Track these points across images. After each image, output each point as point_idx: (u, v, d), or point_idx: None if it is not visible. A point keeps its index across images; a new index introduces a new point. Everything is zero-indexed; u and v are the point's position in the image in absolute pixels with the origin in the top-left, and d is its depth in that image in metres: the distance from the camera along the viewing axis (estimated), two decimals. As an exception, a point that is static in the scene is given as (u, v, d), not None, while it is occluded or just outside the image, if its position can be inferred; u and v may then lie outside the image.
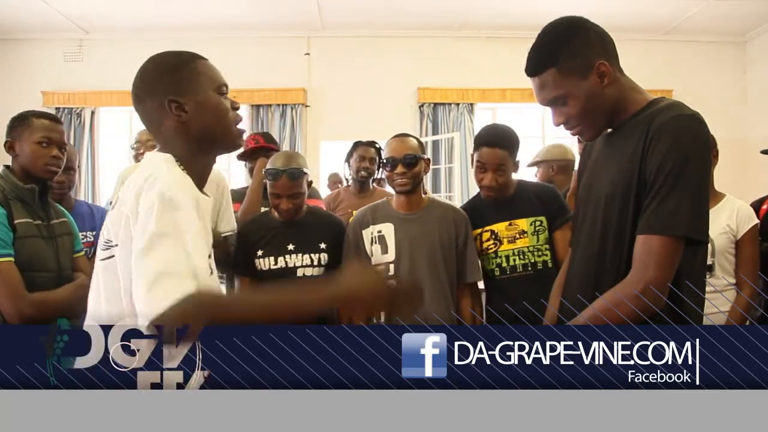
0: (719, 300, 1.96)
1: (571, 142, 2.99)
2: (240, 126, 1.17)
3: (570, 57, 1.16)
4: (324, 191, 4.13)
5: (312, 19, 5.16)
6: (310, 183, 2.01)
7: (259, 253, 1.96)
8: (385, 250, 1.93)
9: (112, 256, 1.01)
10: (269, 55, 5.44)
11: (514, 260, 1.93)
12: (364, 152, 2.78)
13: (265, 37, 5.40)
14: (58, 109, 5.32)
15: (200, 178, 1.14)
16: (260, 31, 5.34)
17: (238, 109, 1.17)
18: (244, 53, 5.36)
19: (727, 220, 2.01)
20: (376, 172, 2.84)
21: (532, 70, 1.21)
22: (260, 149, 2.50)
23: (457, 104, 5.47)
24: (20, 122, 1.66)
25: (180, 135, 1.10)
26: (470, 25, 5.36)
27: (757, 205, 2.21)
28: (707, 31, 5.43)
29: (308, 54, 5.48)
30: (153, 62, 1.12)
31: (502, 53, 5.17)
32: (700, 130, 1.10)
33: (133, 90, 1.12)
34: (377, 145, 2.84)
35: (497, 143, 1.91)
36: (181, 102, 1.08)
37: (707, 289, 1.15)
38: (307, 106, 5.47)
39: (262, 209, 2.24)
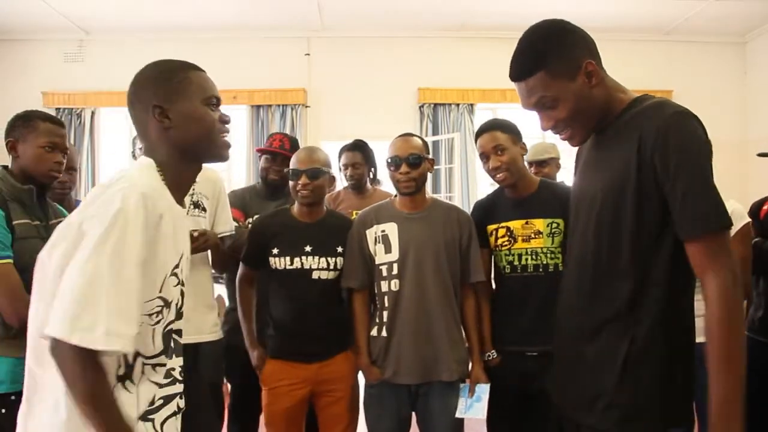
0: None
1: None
2: (227, 138, 1.17)
3: (558, 59, 1.16)
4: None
5: (312, 19, 5.16)
6: (332, 179, 2.02)
7: (275, 251, 1.95)
8: (388, 250, 1.92)
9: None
10: (269, 55, 5.43)
11: (527, 259, 1.91)
12: (346, 160, 2.80)
13: (265, 37, 5.39)
14: (58, 109, 5.30)
15: (179, 187, 1.14)
16: (260, 31, 5.33)
17: (227, 122, 1.18)
18: (244, 53, 5.36)
19: None
20: (366, 172, 2.82)
21: (518, 74, 1.21)
22: (279, 155, 2.41)
23: (457, 104, 5.45)
24: (24, 123, 1.64)
25: (163, 142, 1.11)
26: (470, 26, 5.35)
27: (758, 206, 2.20)
28: (707, 31, 5.42)
29: (308, 54, 5.47)
30: (149, 67, 1.14)
31: (502, 53, 5.01)
32: (698, 125, 1.11)
33: (128, 92, 1.14)
34: (361, 143, 2.83)
35: (491, 127, 1.94)
36: (165, 108, 1.09)
37: (696, 295, 1.13)
38: (307, 106, 5.45)
39: (278, 207, 2.20)
